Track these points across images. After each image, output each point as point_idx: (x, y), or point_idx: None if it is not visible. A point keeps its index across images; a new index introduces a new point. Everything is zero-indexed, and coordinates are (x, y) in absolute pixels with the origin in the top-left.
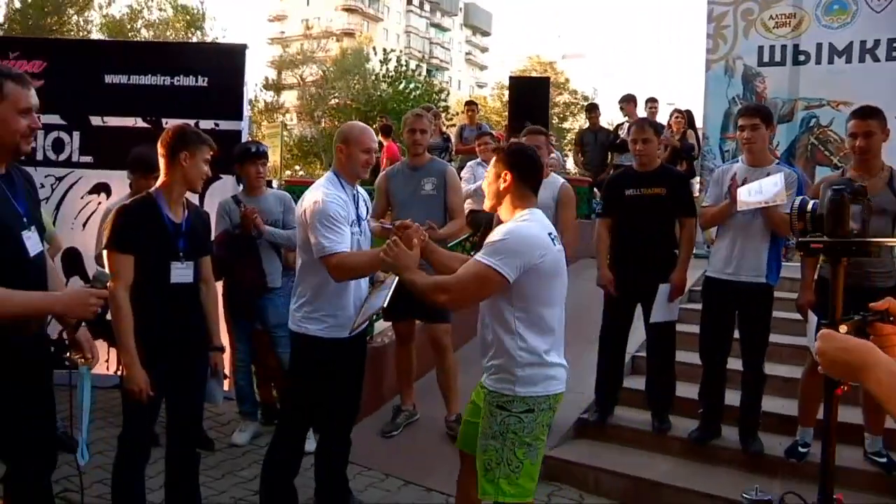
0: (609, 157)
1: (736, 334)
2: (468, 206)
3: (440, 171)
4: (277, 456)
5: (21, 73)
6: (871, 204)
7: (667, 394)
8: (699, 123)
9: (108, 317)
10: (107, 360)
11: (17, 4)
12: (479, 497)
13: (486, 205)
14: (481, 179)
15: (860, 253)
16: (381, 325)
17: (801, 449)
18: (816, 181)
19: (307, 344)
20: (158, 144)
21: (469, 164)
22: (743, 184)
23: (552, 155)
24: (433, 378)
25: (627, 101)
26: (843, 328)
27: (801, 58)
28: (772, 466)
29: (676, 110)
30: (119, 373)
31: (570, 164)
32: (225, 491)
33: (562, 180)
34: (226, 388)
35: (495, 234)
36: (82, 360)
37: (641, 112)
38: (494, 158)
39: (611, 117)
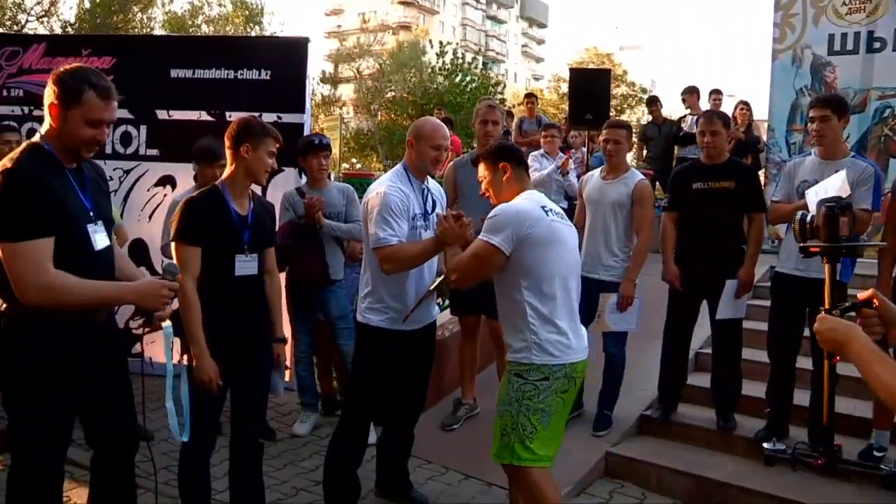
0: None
1: (806, 332)
2: None
3: None
4: (340, 448)
5: (107, 87)
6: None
7: (732, 392)
8: (764, 115)
9: (174, 306)
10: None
11: (87, 4)
12: (494, 460)
13: (496, 199)
14: (545, 170)
15: (850, 254)
16: (444, 317)
17: (876, 453)
18: (891, 176)
19: (369, 334)
20: (225, 137)
21: (533, 154)
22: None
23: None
24: (493, 372)
25: (690, 93)
26: (835, 313)
27: (877, 45)
28: (844, 470)
29: (741, 102)
30: (184, 362)
31: (629, 158)
32: (286, 481)
33: (639, 176)
34: (287, 378)
35: (490, 214)
36: (161, 317)
37: (705, 104)
38: (483, 162)
39: (669, 110)
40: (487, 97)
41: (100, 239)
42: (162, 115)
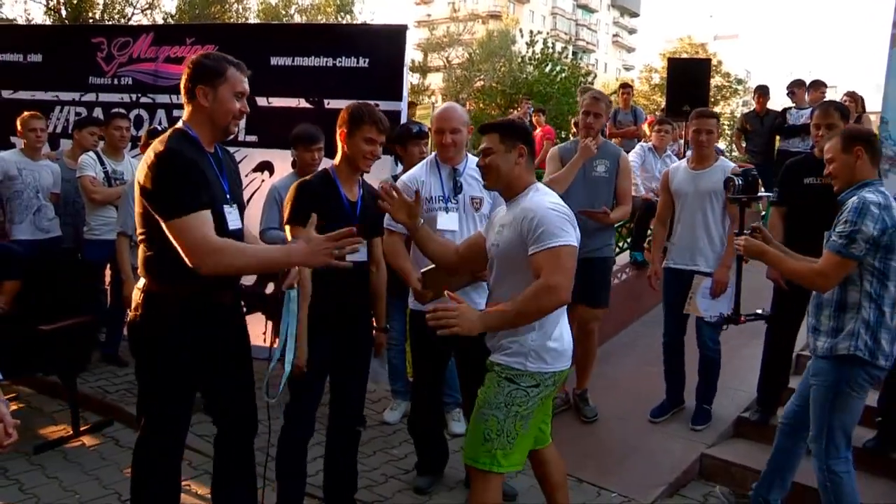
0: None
1: None
2: None
3: (614, 154)
4: (415, 423)
5: (239, 62)
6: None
7: None
8: (877, 107)
9: (268, 291)
10: (264, 333)
11: None
12: (468, 464)
13: (496, 183)
14: (653, 166)
15: (757, 200)
16: None
17: None
18: None
19: (412, 317)
20: None
21: (641, 145)
22: None
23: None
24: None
25: (798, 86)
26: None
27: None
28: None
29: (848, 93)
30: (275, 345)
31: (721, 146)
32: (376, 468)
33: (732, 165)
34: None
35: (535, 216)
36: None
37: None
38: (495, 135)
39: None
40: (592, 88)
41: (233, 220)
42: (261, 101)
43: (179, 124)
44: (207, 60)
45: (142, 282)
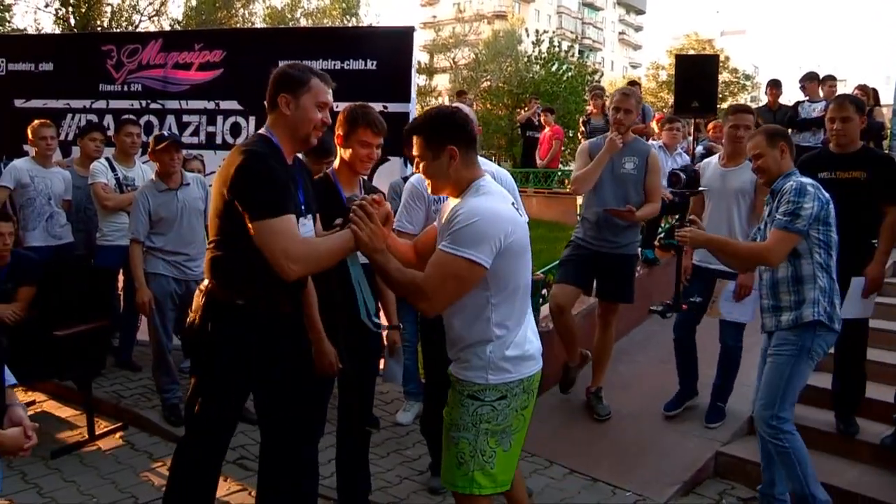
0: None
1: None
2: None
3: (643, 151)
4: (428, 424)
5: (324, 73)
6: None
7: (855, 394)
8: (889, 100)
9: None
10: None
11: (193, 2)
12: (445, 486)
13: (436, 190)
14: (664, 164)
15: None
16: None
17: None
18: None
19: (423, 319)
20: None
21: (651, 143)
22: None
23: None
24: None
25: (810, 80)
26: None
27: None
28: None
29: (860, 86)
30: None
31: None
32: (391, 469)
33: None
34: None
35: (457, 217)
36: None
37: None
38: (418, 139)
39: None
40: (602, 88)
41: (307, 232)
42: None
43: (263, 130)
44: (292, 70)
45: (204, 283)
